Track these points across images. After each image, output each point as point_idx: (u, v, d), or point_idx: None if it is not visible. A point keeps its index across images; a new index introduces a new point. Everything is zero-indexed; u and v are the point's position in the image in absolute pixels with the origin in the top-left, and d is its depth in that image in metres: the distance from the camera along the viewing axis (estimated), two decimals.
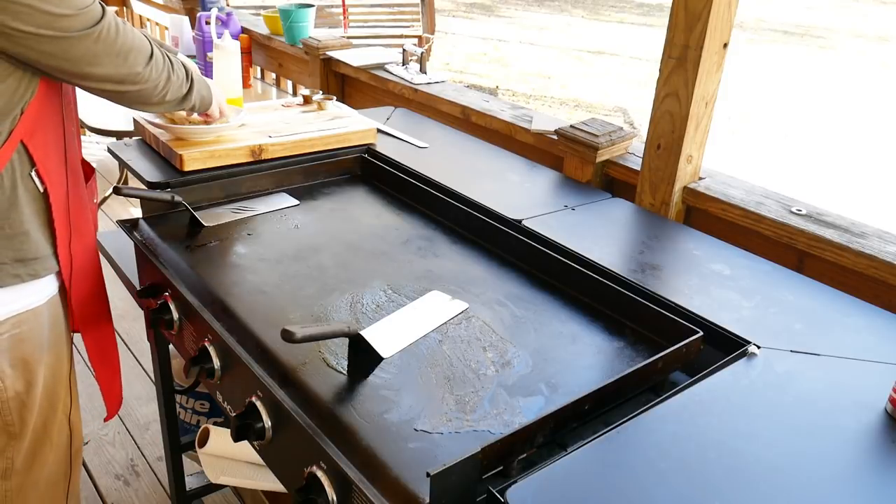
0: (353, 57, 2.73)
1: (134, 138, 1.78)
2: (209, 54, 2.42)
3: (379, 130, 1.94)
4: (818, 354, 1.13)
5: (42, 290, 1.33)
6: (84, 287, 1.42)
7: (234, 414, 1.12)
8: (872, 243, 1.42)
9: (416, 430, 0.97)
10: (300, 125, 1.81)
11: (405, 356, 1.13)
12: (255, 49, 3.36)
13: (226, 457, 1.71)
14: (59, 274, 1.35)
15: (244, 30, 3.27)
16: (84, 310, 1.44)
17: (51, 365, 1.39)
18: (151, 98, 1.31)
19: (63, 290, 1.39)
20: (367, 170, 1.81)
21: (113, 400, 1.59)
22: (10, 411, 1.35)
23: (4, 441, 1.37)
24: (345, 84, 2.89)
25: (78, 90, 1.32)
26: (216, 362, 1.21)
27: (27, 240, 1.26)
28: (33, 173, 1.24)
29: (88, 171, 1.47)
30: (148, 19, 4.33)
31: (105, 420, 1.70)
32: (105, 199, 3.86)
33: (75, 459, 1.52)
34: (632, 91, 8.19)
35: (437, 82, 2.46)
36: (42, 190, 1.27)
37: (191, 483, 1.99)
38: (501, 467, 0.91)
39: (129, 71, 1.23)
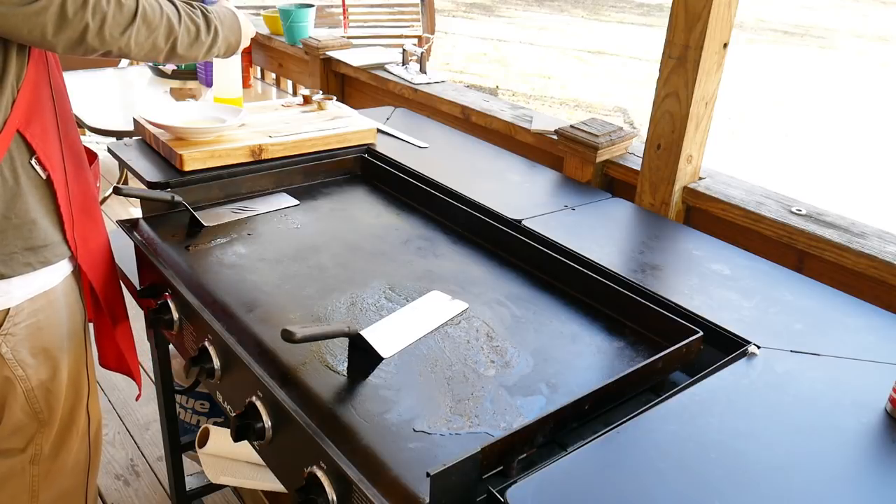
0: (353, 57, 2.73)
1: (134, 138, 1.78)
2: None
3: (379, 130, 1.94)
4: (818, 354, 1.13)
5: (55, 273, 1.33)
6: (101, 269, 1.43)
7: (234, 414, 1.12)
8: (872, 243, 1.42)
9: (415, 430, 0.97)
10: (300, 125, 1.81)
11: (405, 356, 1.13)
12: (255, 49, 3.36)
13: (226, 457, 1.71)
14: (71, 259, 1.36)
15: None
16: (105, 292, 1.45)
17: (73, 352, 1.41)
18: (153, 57, 1.27)
19: (77, 276, 1.40)
20: (367, 170, 1.81)
21: (138, 377, 1.62)
22: (36, 399, 1.37)
23: (35, 428, 1.40)
24: (345, 84, 2.89)
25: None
26: (216, 362, 1.21)
27: (35, 228, 1.26)
28: (34, 161, 1.24)
29: (90, 156, 1.46)
30: None
31: (136, 399, 1.74)
32: (105, 199, 3.86)
33: (97, 445, 1.55)
34: (632, 91, 8.19)
35: (437, 82, 2.46)
36: (45, 177, 1.26)
37: (191, 483, 1.99)
38: (501, 467, 0.92)
39: (95, 40, 1.16)
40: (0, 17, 1.08)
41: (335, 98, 2.02)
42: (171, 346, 1.74)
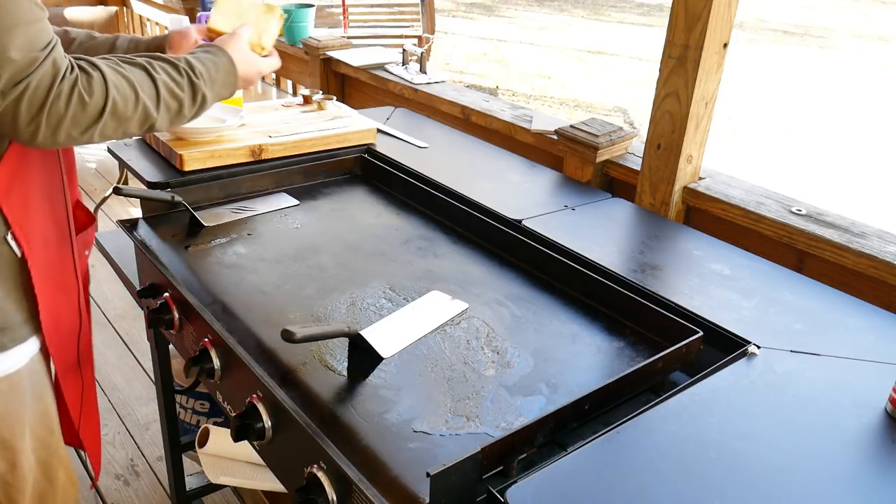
0: (353, 57, 2.73)
1: (134, 138, 1.78)
2: None
3: (379, 130, 1.94)
4: (818, 354, 1.13)
5: (16, 356, 1.15)
6: (68, 354, 1.26)
7: (234, 414, 1.12)
8: (872, 243, 1.42)
9: (415, 430, 0.97)
10: (300, 125, 1.81)
11: (405, 356, 1.13)
12: None
13: (226, 457, 1.71)
14: (38, 338, 1.19)
15: None
16: (69, 378, 1.28)
17: (41, 438, 1.24)
18: (123, 139, 1.17)
19: (45, 355, 1.22)
20: (367, 170, 1.81)
21: (97, 459, 1.45)
22: None
23: None
24: (345, 84, 2.89)
25: None
26: (216, 362, 1.21)
27: None
28: (9, 237, 1.08)
29: (86, 219, 1.32)
30: (148, 19, 4.33)
31: (91, 487, 1.51)
32: (105, 199, 3.86)
33: None
34: (632, 91, 8.19)
35: (437, 82, 2.46)
36: (19, 254, 1.10)
37: (191, 483, 1.99)
38: (501, 467, 0.92)
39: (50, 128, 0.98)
40: None
41: (335, 98, 2.03)
42: (171, 346, 1.74)
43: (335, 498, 0.95)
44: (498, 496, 0.83)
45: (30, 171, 1.11)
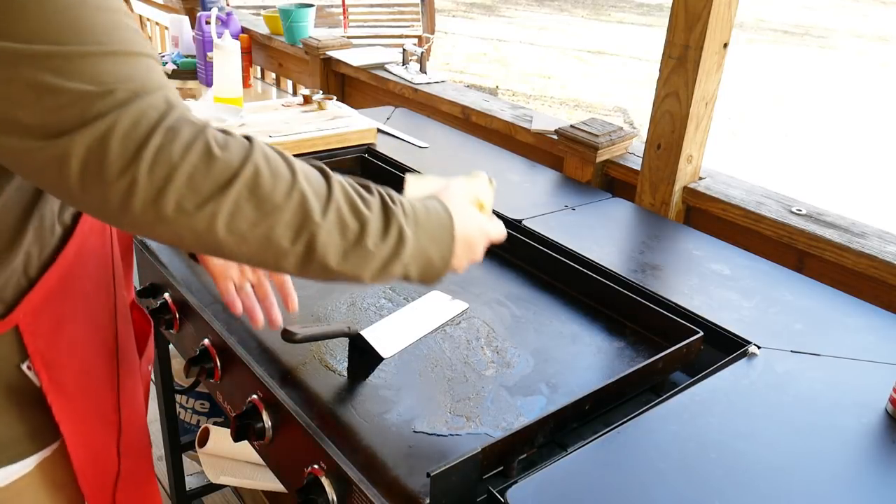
0: (353, 57, 2.73)
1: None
2: (209, 54, 2.42)
3: (379, 130, 1.94)
4: (818, 354, 1.13)
5: (18, 465, 0.90)
6: (104, 497, 1.01)
7: (234, 414, 1.12)
8: (872, 243, 1.42)
9: (415, 430, 0.97)
10: (300, 125, 1.81)
11: (405, 356, 1.13)
12: (255, 49, 3.36)
13: (226, 457, 1.71)
14: (39, 455, 0.92)
15: (244, 30, 3.27)
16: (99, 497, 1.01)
17: None
18: (267, 262, 0.70)
19: (63, 451, 0.94)
20: (367, 170, 1.81)
21: None
22: None
23: None
24: (345, 84, 2.89)
25: None
26: (216, 362, 1.21)
27: None
28: (25, 366, 0.85)
29: (147, 326, 1.12)
30: (148, 19, 4.33)
31: None
32: None
33: None
34: (632, 91, 8.19)
35: (437, 82, 2.46)
36: (38, 384, 0.86)
37: (191, 483, 1.99)
38: (502, 467, 0.92)
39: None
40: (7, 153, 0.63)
41: (335, 98, 2.03)
42: (171, 346, 1.74)
43: (335, 498, 0.95)
44: (498, 496, 0.83)
45: (72, 293, 0.86)
